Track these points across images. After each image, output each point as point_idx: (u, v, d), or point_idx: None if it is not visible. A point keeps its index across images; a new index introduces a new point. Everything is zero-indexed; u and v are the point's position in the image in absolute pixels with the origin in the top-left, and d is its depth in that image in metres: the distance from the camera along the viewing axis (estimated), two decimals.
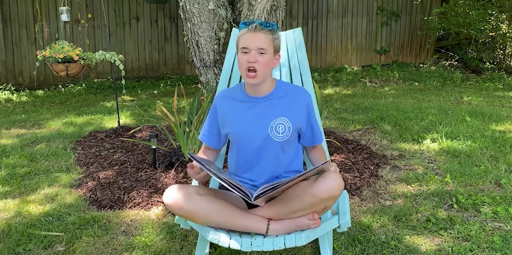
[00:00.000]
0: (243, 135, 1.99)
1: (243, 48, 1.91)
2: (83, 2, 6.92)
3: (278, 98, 2.00)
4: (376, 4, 8.91)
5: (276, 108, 1.98)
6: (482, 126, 4.31)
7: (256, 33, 1.90)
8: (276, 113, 1.97)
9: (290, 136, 1.97)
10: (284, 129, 1.96)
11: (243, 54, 1.91)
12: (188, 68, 7.81)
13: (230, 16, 3.63)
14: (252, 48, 1.89)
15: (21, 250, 2.31)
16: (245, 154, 2.01)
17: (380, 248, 2.28)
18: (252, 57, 1.88)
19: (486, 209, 2.64)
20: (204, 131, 2.13)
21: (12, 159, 3.58)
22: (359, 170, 3.22)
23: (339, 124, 4.51)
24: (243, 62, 1.90)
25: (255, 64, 1.88)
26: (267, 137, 1.95)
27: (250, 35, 1.90)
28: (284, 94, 2.01)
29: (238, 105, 2.02)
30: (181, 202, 1.79)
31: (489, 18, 8.40)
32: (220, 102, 2.08)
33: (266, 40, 1.90)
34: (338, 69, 8.44)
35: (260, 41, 1.89)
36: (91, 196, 2.90)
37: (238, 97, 2.04)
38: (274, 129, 1.95)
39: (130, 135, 4.07)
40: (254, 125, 1.97)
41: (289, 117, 1.97)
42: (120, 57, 3.91)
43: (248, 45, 1.89)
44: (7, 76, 6.72)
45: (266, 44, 1.90)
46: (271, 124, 1.95)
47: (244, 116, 2.00)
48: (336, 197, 1.77)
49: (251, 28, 1.91)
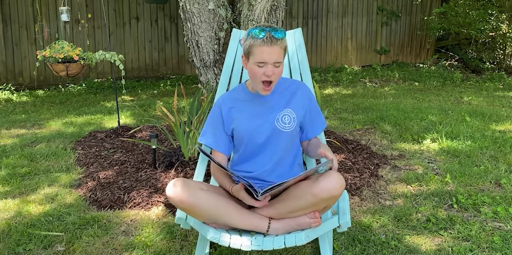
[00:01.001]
0: (251, 130, 2.01)
1: (260, 63, 1.88)
2: (83, 2, 6.92)
3: (280, 92, 2.06)
4: (376, 4, 8.91)
5: (280, 101, 2.03)
6: (482, 127, 4.31)
7: (273, 47, 1.86)
8: (280, 106, 2.02)
9: (295, 127, 2.02)
10: (289, 119, 2.01)
11: (259, 67, 1.89)
12: (188, 68, 7.81)
13: (230, 16, 3.63)
14: (270, 63, 1.88)
15: (21, 250, 2.31)
16: (252, 148, 2.03)
17: (380, 248, 2.28)
18: (270, 71, 1.88)
19: (486, 209, 2.65)
20: (208, 136, 2.07)
21: (12, 159, 3.58)
22: (359, 170, 3.22)
23: (339, 124, 4.51)
24: (259, 75, 1.90)
25: (272, 77, 1.90)
26: (275, 128, 1.99)
27: (267, 49, 1.86)
28: (285, 88, 2.07)
29: (243, 105, 2.05)
30: (183, 195, 1.80)
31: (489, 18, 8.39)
32: (225, 103, 2.08)
33: (281, 53, 1.89)
34: (338, 69, 8.44)
35: (277, 55, 1.88)
36: (91, 196, 2.90)
37: (242, 98, 2.07)
38: (280, 120, 2.00)
39: (130, 135, 4.07)
40: (262, 120, 2.01)
41: (293, 108, 2.03)
42: (120, 57, 3.91)
43: (266, 59, 1.87)
44: (7, 76, 6.71)
45: (281, 56, 1.90)
46: (276, 116, 2.00)
47: (250, 113, 2.03)
48: (337, 196, 1.77)
49: (267, 40, 1.85)
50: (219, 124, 2.07)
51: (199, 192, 1.83)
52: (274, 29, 1.89)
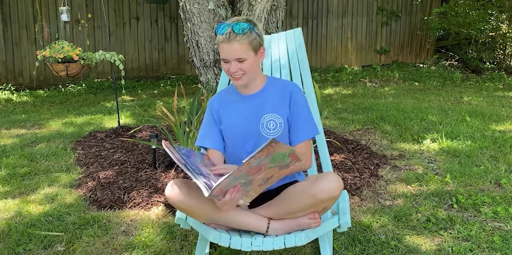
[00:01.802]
0: (236, 134, 1.98)
1: (223, 59, 1.88)
2: (83, 2, 6.92)
3: (268, 95, 1.98)
4: (376, 4, 8.91)
5: (266, 104, 1.96)
6: (482, 126, 4.31)
7: (231, 44, 1.82)
8: (266, 109, 1.95)
9: (282, 132, 1.95)
10: (275, 125, 1.94)
11: (225, 62, 1.88)
12: (188, 68, 7.81)
13: (230, 16, 3.63)
14: (231, 59, 1.86)
15: (21, 250, 2.31)
16: (237, 152, 1.98)
17: (380, 248, 2.28)
18: (233, 68, 1.86)
19: (486, 209, 2.64)
20: (204, 135, 2.04)
21: (12, 159, 3.58)
22: (359, 170, 3.22)
23: (339, 124, 4.51)
24: (226, 72, 1.90)
25: (238, 73, 1.87)
26: (259, 134, 1.94)
27: (226, 46, 1.83)
28: (274, 89, 2.00)
29: (231, 105, 2.02)
30: (182, 196, 1.78)
31: (489, 18, 8.39)
32: (214, 104, 2.05)
33: (242, 48, 1.83)
34: (338, 69, 8.44)
35: (236, 51, 1.83)
36: (91, 196, 2.90)
37: (231, 98, 2.04)
38: (265, 126, 1.94)
39: (130, 134, 4.07)
40: (246, 123, 1.96)
41: (279, 113, 1.95)
42: (120, 57, 3.90)
43: (226, 56, 1.86)
44: (7, 76, 6.71)
45: (243, 52, 1.84)
46: (261, 121, 1.94)
47: (237, 115, 1.99)
48: (335, 197, 1.77)
49: (226, 37, 1.82)
50: (213, 125, 2.03)
51: (198, 193, 1.82)
52: (238, 24, 1.83)
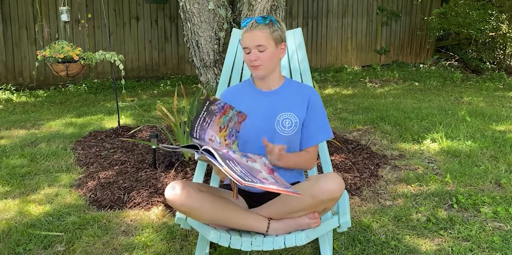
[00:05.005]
0: (250, 129, 1.97)
1: (244, 48, 1.96)
2: (83, 2, 6.92)
3: (286, 94, 2.04)
4: (376, 4, 8.91)
5: (283, 103, 2.01)
6: (482, 126, 4.31)
7: (253, 31, 1.93)
8: (283, 108, 2.00)
9: (296, 132, 1.99)
10: (291, 123, 1.98)
11: (246, 53, 1.96)
12: (188, 68, 7.81)
13: (230, 16, 3.63)
14: (251, 46, 1.93)
15: (21, 250, 2.31)
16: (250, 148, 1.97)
17: (380, 248, 2.28)
18: (253, 56, 1.93)
19: (486, 209, 2.64)
20: None
21: (12, 159, 3.58)
22: (359, 170, 3.22)
23: (339, 124, 4.51)
24: (247, 61, 1.97)
25: (257, 61, 1.93)
26: (274, 131, 1.97)
27: (247, 34, 1.94)
28: (291, 91, 2.05)
29: (247, 99, 2.04)
30: (182, 198, 1.77)
31: (489, 18, 8.39)
32: (227, 96, 2.07)
33: (263, 36, 1.92)
34: (338, 69, 8.44)
35: (257, 38, 1.92)
36: (91, 196, 2.90)
37: (246, 92, 2.07)
38: (280, 123, 1.98)
39: (130, 135, 4.07)
40: (262, 119, 1.99)
41: (296, 112, 2.00)
42: (120, 57, 3.90)
43: (247, 44, 1.94)
44: (7, 76, 6.72)
45: (264, 40, 1.92)
46: (277, 118, 1.98)
47: (252, 110, 1.98)
48: (336, 198, 1.77)
49: (247, 26, 1.94)
50: None
51: (198, 194, 1.80)
52: (260, 17, 1.94)
